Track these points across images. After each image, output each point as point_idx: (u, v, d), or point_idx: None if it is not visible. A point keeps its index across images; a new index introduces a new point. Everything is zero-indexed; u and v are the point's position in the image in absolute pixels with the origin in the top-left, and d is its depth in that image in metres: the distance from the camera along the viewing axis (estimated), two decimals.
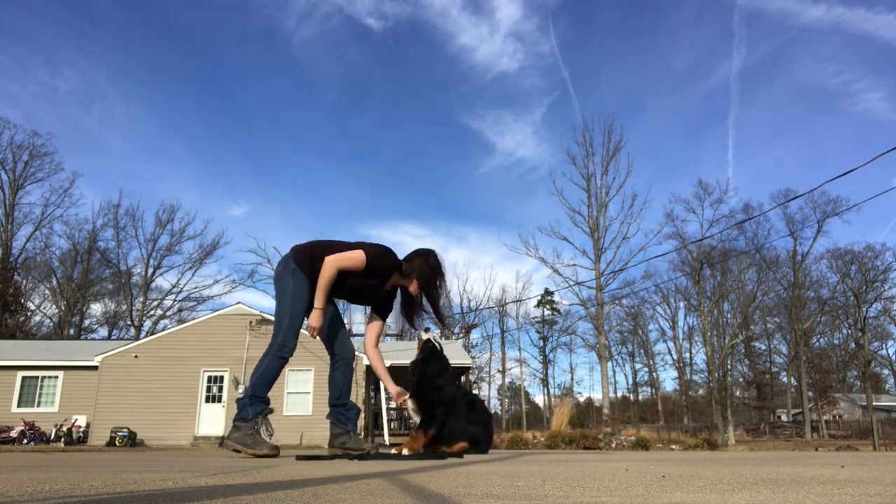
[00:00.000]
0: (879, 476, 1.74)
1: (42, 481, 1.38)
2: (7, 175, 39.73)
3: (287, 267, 3.74)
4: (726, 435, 35.59)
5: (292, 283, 3.69)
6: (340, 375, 3.94)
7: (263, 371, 3.61)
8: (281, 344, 3.65)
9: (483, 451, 3.77)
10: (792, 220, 42.94)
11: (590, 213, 35.74)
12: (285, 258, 3.81)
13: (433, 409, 3.59)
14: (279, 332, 3.66)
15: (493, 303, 50.73)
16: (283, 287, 3.71)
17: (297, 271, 3.70)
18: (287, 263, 3.75)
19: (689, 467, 2.25)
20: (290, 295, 3.69)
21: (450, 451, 3.51)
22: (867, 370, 45.23)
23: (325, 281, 3.60)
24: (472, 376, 33.50)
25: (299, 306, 3.71)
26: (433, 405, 3.60)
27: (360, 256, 3.62)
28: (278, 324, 3.69)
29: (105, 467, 2.09)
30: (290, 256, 3.77)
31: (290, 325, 3.67)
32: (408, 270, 3.80)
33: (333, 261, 3.60)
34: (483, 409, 3.94)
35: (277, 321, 3.70)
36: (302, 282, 3.70)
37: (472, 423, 3.73)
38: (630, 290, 42.75)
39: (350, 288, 3.80)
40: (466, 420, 3.70)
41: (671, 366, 63.26)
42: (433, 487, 1.38)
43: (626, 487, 1.40)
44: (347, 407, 3.94)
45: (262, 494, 1.20)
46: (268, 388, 3.65)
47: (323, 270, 3.59)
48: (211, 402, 20.62)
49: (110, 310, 45.18)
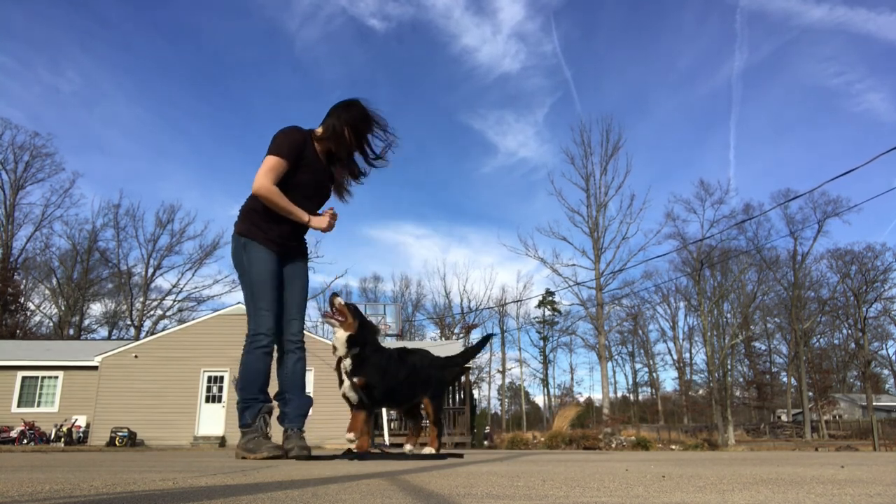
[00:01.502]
0: (879, 476, 1.74)
1: (42, 481, 1.38)
2: (8, 175, 39.81)
3: (237, 245, 3.35)
4: (726, 435, 35.58)
5: (246, 259, 3.29)
6: (282, 362, 3.47)
7: (243, 371, 3.30)
8: (253, 333, 3.27)
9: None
10: (792, 220, 43.02)
11: (589, 213, 35.75)
12: (232, 238, 3.41)
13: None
14: (250, 320, 3.29)
15: (494, 303, 50.76)
16: (240, 267, 3.33)
17: (247, 242, 3.30)
18: (235, 241, 3.36)
19: (689, 467, 2.25)
20: (249, 271, 3.28)
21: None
22: (867, 370, 45.21)
23: (276, 201, 3.18)
24: (472, 376, 33.47)
25: (262, 277, 3.28)
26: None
27: (271, 156, 3.17)
28: (247, 311, 3.31)
29: (105, 467, 2.09)
30: (234, 234, 3.40)
31: (259, 307, 3.26)
32: (327, 127, 3.34)
33: (260, 182, 3.14)
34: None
35: (247, 309, 3.32)
36: (256, 249, 3.29)
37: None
38: (630, 290, 42.72)
39: (307, 185, 3.35)
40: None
41: (671, 366, 63.30)
42: (433, 487, 1.38)
43: (626, 487, 1.40)
44: (285, 400, 3.45)
45: (262, 494, 1.20)
46: (259, 386, 3.30)
47: (264, 198, 3.18)
48: (211, 402, 20.61)
49: (110, 310, 45.18)
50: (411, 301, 54.52)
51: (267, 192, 3.15)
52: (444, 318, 50.21)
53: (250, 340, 3.27)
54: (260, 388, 3.31)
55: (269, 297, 3.27)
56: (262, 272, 3.27)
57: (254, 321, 3.26)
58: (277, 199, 3.18)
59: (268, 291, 3.27)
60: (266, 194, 3.16)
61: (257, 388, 3.30)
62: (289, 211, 3.24)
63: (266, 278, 3.27)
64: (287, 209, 3.23)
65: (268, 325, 3.25)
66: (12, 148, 39.48)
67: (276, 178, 3.17)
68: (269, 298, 3.27)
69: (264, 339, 3.26)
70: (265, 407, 3.32)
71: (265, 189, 3.15)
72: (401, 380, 3.21)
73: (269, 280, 3.29)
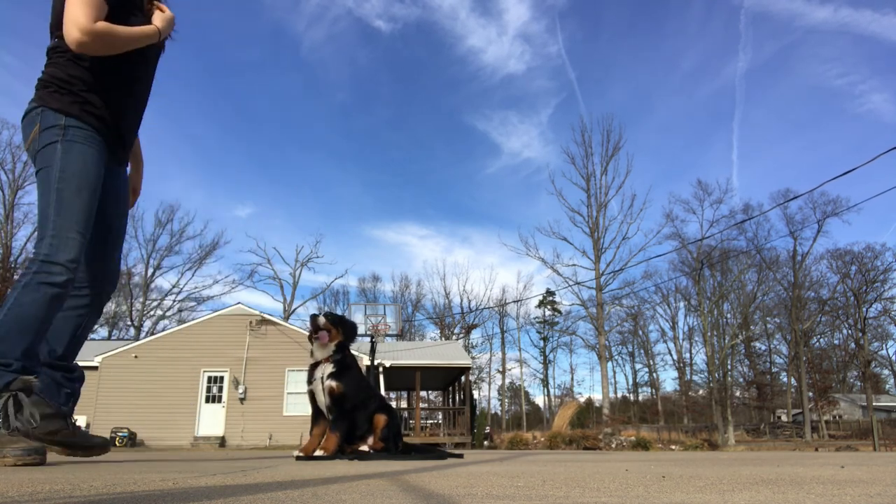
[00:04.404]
0: (879, 476, 1.74)
1: (42, 481, 1.38)
2: (6, 175, 39.80)
3: (49, 124, 2.23)
4: (726, 435, 35.59)
5: (62, 147, 2.21)
6: (80, 318, 2.44)
7: (12, 311, 2.10)
8: (45, 259, 2.15)
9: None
10: (792, 221, 43.02)
11: (589, 214, 35.79)
12: (32, 115, 2.28)
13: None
14: (44, 239, 2.17)
15: (494, 303, 50.77)
16: (45, 157, 2.23)
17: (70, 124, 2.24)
18: (45, 119, 2.24)
19: (689, 468, 2.25)
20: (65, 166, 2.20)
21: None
22: (867, 370, 45.21)
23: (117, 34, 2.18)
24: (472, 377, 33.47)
25: (86, 180, 2.23)
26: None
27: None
28: (41, 223, 2.20)
29: (105, 467, 2.09)
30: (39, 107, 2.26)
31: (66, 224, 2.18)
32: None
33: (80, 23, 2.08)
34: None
35: (40, 220, 2.21)
36: (82, 137, 2.26)
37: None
38: (630, 290, 42.85)
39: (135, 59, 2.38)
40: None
41: (671, 366, 63.44)
42: (433, 488, 1.38)
43: (626, 488, 1.40)
44: (74, 374, 2.45)
45: (262, 495, 1.20)
46: (27, 343, 2.12)
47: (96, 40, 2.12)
48: (211, 402, 20.62)
49: (110, 310, 45.16)
50: (411, 301, 54.57)
51: (94, 32, 2.11)
52: (444, 318, 50.23)
53: (38, 269, 2.15)
54: (28, 346, 2.14)
55: (88, 213, 2.25)
56: (87, 173, 2.24)
57: (52, 242, 2.17)
58: (112, 31, 2.16)
59: (87, 205, 2.24)
60: (98, 34, 2.12)
61: (23, 347, 2.12)
62: (135, 36, 2.25)
63: (89, 184, 2.25)
64: (132, 35, 2.24)
65: (73, 254, 2.19)
66: (10, 147, 39.54)
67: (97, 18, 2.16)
68: (86, 216, 2.24)
69: (62, 275, 2.17)
70: (19, 380, 2.11)
71: (91, 29, 2.10)
72: (367, 396, 3.22)
73: (94, 188, 2.27)
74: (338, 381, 3.04)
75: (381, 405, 3.28)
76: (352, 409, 3.10)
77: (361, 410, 3.16)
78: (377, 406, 3.25)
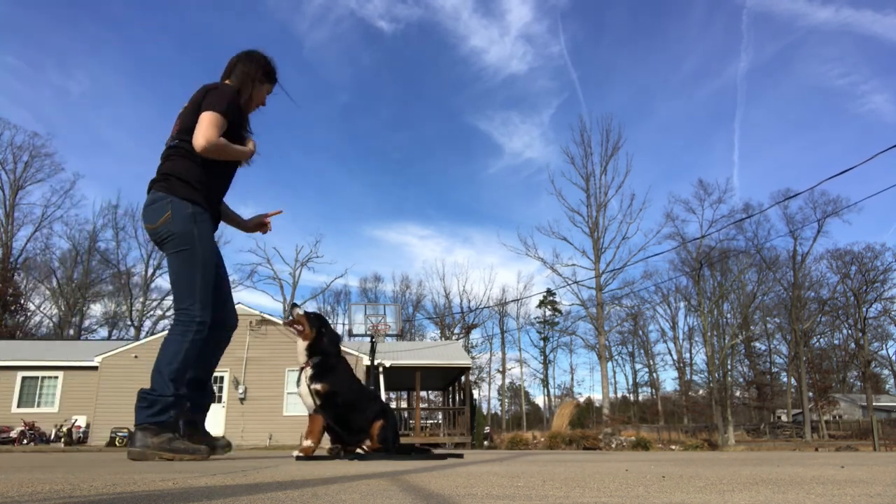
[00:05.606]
0: (879, 476, 1.74)
1: (42, 481, 1.38)
2: (7, 175, 39.81)
3: (182, 212, 2.83)
4: (726, 435, 35.59)
5: (197, 232, 2.84)
6: (217, 350, 3.10)
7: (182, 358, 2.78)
8: (199, 320, 2.83)
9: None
10: (792, 220, 43.00)
11: (589, 213, 35.76)
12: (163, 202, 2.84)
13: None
14: (193, 304, 2.83)
15: (494, 303, 50.76)
16: (184, 240, 2.82)
17: (196, 211, 2.86)
18: (178, 209, 2.83)
19: (689, 468, 2.25)
20: (199, 248, 2.84)
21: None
22: (867, 370, 45.20)
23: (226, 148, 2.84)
24: (472, 377, 33.47)
25: (210, 258, 2.89)
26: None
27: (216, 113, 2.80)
28: (185, 291, 2.84)
29: (105, 467, 2.09)
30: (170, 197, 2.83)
31: (206, 293, 2.87)
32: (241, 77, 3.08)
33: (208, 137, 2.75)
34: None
35: (184, 288, 2.84)
36: (205, 221, 2.90)
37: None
38: (630, 290, 42.73)
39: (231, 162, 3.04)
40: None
41: (671, 366, 63.40)
42: (433, 488, 1.38)
43: (626, 488, 1.40)
44: (207, 392, 3.07)
45: (262, 495, 1.20)
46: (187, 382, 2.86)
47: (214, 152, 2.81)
48: None
49: (110, 310, 45.18)
50: (411, 301, 54.57)
51: (216, 145, 2.79)
52: (444, 318, 50.23)
53: (196, 329, 2.81)
54: (188, 383, 2.88)
55: (212, 282, 2.91)
56: (211, 251, 2.90)
57: (201, 306, 2.84)
58: (226, 146, 2.84)
59: (212, 276, 2.90)
60: (218, 146, 2.80)
61: (186, 384, 2.86)
62: (238, 153, 2.93)
63: (212, 259, 2.90)
64: (237, 152, 2.92)
65: (210, 314, 2.89)
66: (11, 148, 39.55)
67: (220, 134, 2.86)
68: (212, 285, 2.90)
69: (205, 330, 2.86)
70: (188, 407, 2.89)
71: (215, 142, 2.78)
72: (361, 397, 3.22)
73: (216, 261, 2.96)
74: (322, 382, 3.04)
75: (378, 406, 3.27)
76: (343, 405, 3.10)
77: (355, 408, 3.15)
78: (374, 406, 3.23)
